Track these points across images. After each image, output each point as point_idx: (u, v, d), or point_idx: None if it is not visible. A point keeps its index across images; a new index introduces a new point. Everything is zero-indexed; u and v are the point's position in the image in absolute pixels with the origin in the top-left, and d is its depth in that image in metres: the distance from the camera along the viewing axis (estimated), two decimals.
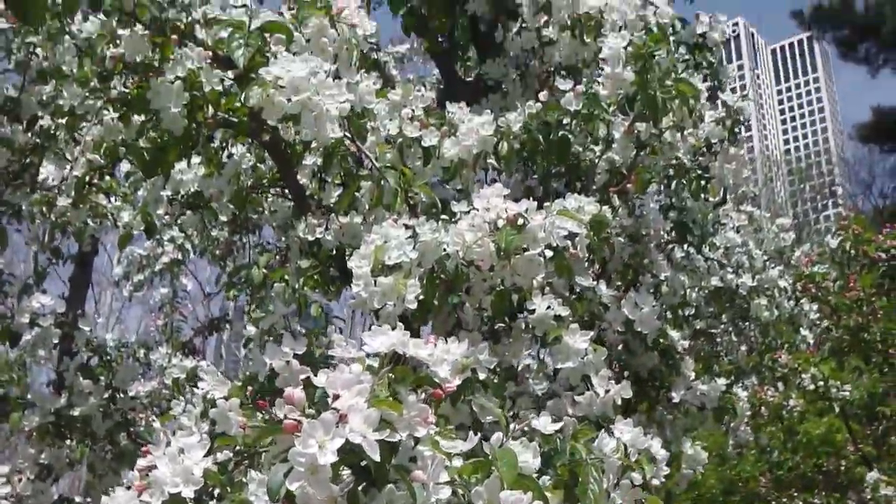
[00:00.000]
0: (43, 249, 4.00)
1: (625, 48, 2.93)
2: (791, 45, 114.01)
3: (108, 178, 3.92)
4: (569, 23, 3.38)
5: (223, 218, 3.74)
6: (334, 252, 3.07)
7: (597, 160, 3.44)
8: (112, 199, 4.08)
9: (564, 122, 3.10)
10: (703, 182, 3.81)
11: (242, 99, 2.37)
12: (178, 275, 5.69)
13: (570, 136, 3.11)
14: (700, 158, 3.82)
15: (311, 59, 2.29)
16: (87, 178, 3.71)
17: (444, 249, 2.37)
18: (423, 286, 2.33)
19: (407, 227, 2.44)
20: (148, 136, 2.99)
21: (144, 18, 2.70)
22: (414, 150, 2.95)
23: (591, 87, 3.12)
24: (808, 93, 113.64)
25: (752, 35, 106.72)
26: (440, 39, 4.31)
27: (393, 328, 1.53)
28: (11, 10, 2.52)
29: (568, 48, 3.44)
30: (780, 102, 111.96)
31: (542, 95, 3.20)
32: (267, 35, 2.58)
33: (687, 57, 4.23)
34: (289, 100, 2.22)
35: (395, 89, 3.05)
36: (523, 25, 3.66)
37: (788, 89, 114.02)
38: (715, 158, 3.87)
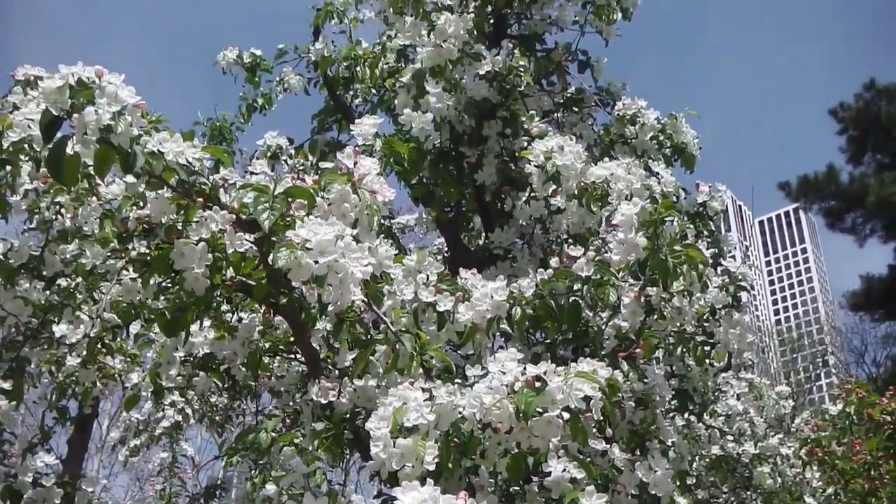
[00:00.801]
0: (49, 409, 4.00)
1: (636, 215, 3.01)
2: (778, 216, 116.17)
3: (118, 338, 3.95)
4: (576, 192, 3.48)
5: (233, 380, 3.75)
6: (348, 415, 3.08)
7: (604, 325, 3.48)
8: (118, 359, 4.10)
9: (575, 288, 3.16)
10: (707, 348, 3.84)
11: (270, 260, 2.42)
12: (178, 440, 5.66)
13: (580, 301, 3.16)
14: (704, 324, 3.87)
15: (336, 223, 2.36)
16: (100, 338, 3.74)
17: (460, 412, 2.39)
18: (440, 449, 2.33)
19: (424, 390, 2.46)
20: (167, 297, 3.05)
21: (171, 181, 2.78)
22: (428, 314, 2.99)
23: (601, 253, 3.20)
24: (797, 263, 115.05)
25: (740, 207, 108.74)
26: (447, 209, 4.42)
27: None
28: (48, 170, 2.60)
29: (575, 216, 3.54)
30: (770, 273, 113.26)
31: (553, 262, 3.28)
32: (290, 199, 2.66)
33: (689, 225, 4.36)
34: (316, 262, 2.27)
35: (409, 255, 3.12)
36: (532, 195, 3.77)
37: (777, 260, 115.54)
38: (719, 324, 3.91)
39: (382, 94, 4.76)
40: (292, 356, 3.77)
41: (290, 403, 3.74)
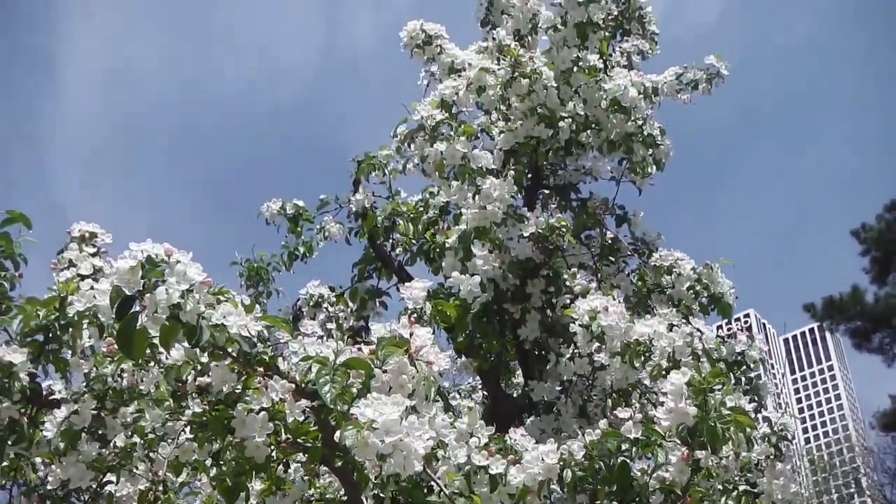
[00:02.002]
0: None
1: (686, 384, 3.08)
2: (803, 334, 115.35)
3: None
4: (619, 349, 3.57)
5: None
6: None
7: (649, 478, 3.52)
8: None
9: (624, 448, 3.21)
10: (752, 499, 3.86)
11: (337, 438, 2.49)
12: None
13: (629, 462, 3.21)
14: (748, 475, 3.90)
15: (399, 399, 2.45)
16: (151, 494, 3.79)
17: None
18: None
19: None
20: (224, 460, 3.12)
21: (232, 350, 2.88)
22: (480, 476, 3.05)
23: (645, 407, 3.27)
24: (824, 381, 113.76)
25: (764, 326, 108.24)
26: (488, 358, 4.50)
27: None
28: (118, 344, 2.70)
29: (619, 372, 3.62)
30: (797, 392, 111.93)
31: (602, 424, 3.34)
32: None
33: (727, 373, 4.43)
34: (382, 441, 2.35)
35: (461, 418, 3.19)
36: (576, 352, 3.85)
37: (804, 378, 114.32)
38: (762, 474, 3.94)
39: (422, 245, 4.89)
40: None
41: None
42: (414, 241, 4.89)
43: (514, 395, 4.98)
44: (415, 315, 3.50)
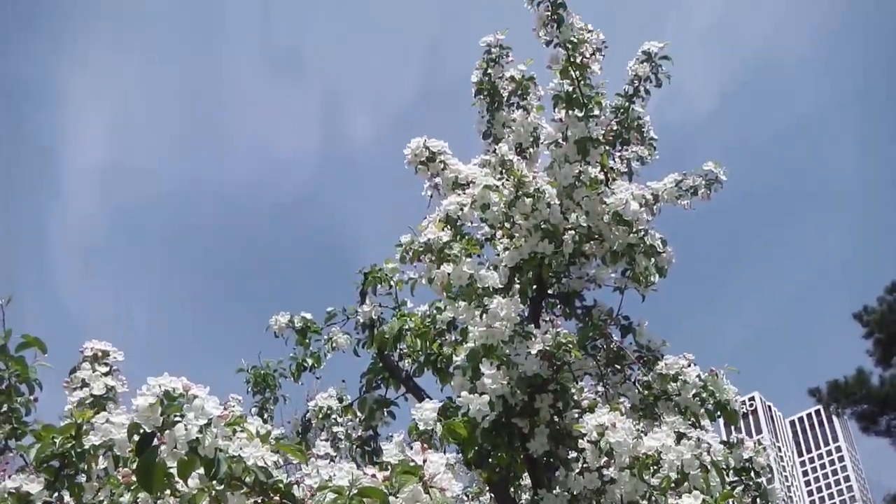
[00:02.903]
0: None
1: None
2: (809, 415, 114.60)
3: None
4: (628, 463, 3.61)
5: None
6: None
7: None
8: None
9: None
10: None
11: None
12: None
13: None
14: None
15: None
16: None
17: None
18: None
19: None
20: None
21: (248, 479, 2.93)
22: None
23: None
24: (832, 462, 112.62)
25: (769, 408, 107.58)
26: (497, 469, 4.52)
27: None
28: (137, 479, 2.75)
29: (629, 485, 3.66)
30: (805, 474, 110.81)
31: None
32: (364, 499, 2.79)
33: (735, 479, 4.45)
34: None
35: None
36: (585, 466, 3.88)
37: (812, 460, 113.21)
38: None
39: (429, 356, 4.95)
40: None
41: None
42: (421, 353, 4.96)
43: (523, 503, 4.99)
44: (426, 435, 3.56)
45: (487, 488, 5.66)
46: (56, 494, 3.44)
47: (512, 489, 5.14)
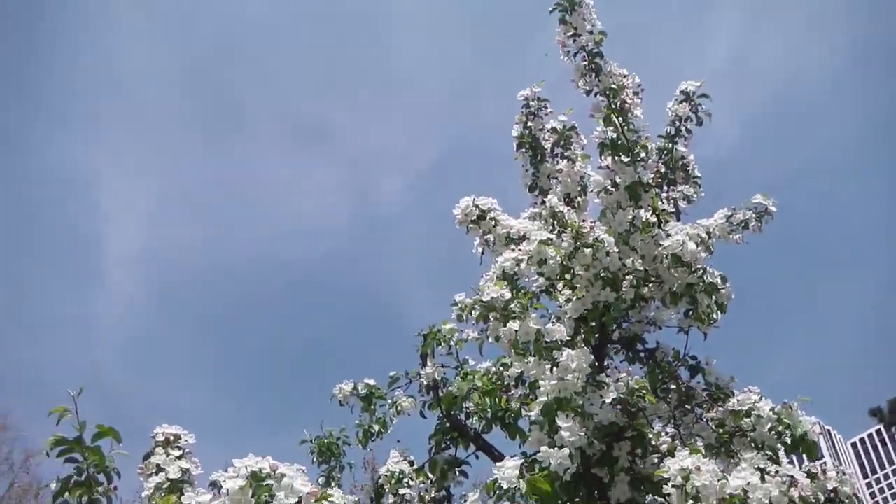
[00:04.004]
0: None
1: None
2: (870, 435, 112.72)
3: None
4: None
5: None
6: None
7: None
8: None
9: None
10: None
11: None
12: None
13: None
14: None
15: None
16: None
17: None
18: None
19: None
20: None
21: None
22: None
23: None
24: None
25: (829, 432, 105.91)
26: None
27: None
28: None
29: None
30: (872, 496, 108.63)
31: None
32: None
33: None
34: None
35: None
36: None
37: (878, 481, 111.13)
38: None
39: (497, 412, 4.93)
40: None
41: None
42: (489, 410, 4.94)
43: None
44: (509, 493, 3.54)
45: None
46: None
47: None
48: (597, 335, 4.85)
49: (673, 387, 4.83)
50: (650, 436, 4.25)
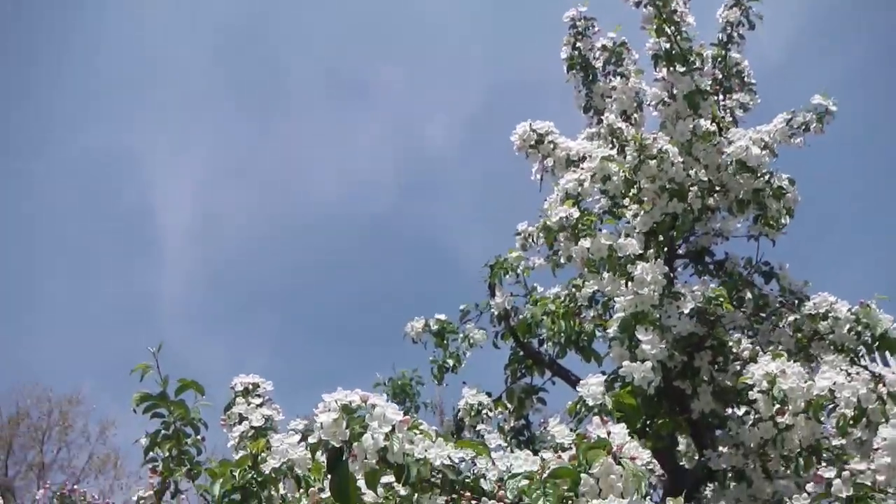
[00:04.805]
0: None
1: None
2: None
3: None
4: (803, 406, 3.53)
5: None
6: None
7: None
8: None
9: None
10: None
11: None
12: None
13: None
14: None
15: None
16: None
17: None
18: None
19: None
20: None
21: (436, 480, 2.93)
22: None
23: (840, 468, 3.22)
24: None
25: None
26: (662, 438, 4.48)
27: None
28: (333, 496, 2.75)
29: (805, 429, 3.58)
30: None
31: (810, 487, 3.30)
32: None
33: None
34: None
35: None
36: (758, 417, 3.82)
37: None
38: None
39: (570, 336, 4.92)
40: None
41: None
42: (562, 334, 4.92)
43: (688, 467, 4.92)
44: (594, 410, 3.53)
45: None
46: None
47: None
48: (665, 249, 4.81)
49: (748, 295, 4.78)
50: (730, 344, 4.22)
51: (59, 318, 25.18)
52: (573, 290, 4.92)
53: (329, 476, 2.73)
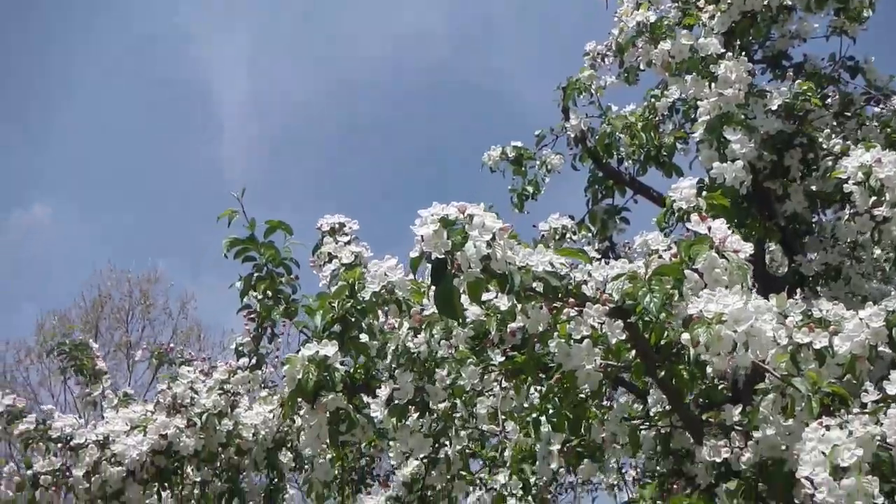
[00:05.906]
0: None
1: None
2: None
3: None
4: None
5: None
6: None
7: None
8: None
9: None
10: None
11: (688, 340, 2.51)
12: None
13: None
14: None
15: (737, 289, 2.46)
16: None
17: (879, 441, 2.41)
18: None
19: (828, 427, 2.49)
20: (549, 399, 3.21)
21: (539, 287, 2.93)
22: (805, 354, 3.00)
23: None
24: None
25: None
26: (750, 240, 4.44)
27: None
28: (439, 309, 2.75)
29: None
30: None
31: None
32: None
33: None
34: (734, 331, 2.37)
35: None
36: (853, 211, 3.76)
37: None
38: None
39: (649, 151, 4.85)
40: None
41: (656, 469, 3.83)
42: (642, 151, 4.86)
43: (782, 275, 4.89)
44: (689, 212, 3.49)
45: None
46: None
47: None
48: (743, 54, 4.67)
49: (832, 93, 4.66)
50: (820, 140, 4.13)
51: (129, 197, 25.59)
52: (652, 100, 4.82)
53: (434, 289, 2.71)
